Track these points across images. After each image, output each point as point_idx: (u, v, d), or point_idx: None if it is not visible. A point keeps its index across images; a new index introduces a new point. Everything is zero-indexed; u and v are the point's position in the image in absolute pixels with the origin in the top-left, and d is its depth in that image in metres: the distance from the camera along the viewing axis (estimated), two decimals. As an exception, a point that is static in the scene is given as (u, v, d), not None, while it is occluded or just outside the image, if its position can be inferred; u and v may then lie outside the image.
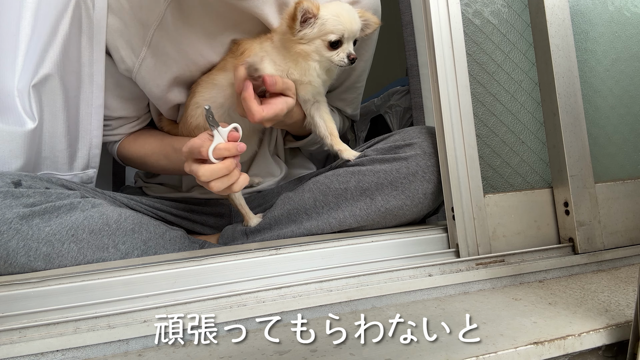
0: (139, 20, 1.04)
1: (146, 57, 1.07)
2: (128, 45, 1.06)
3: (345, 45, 0.99)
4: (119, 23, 1.04)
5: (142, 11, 1.03)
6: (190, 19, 1.05)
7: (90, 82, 1.06)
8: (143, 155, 1.20)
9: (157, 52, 1.07)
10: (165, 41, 1.06)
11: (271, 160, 1.27)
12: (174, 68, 1.09)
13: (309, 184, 1.06)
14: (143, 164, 1.24)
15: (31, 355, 0.63)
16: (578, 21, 0.97)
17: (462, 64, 0.90)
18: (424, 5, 0.90)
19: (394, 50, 2.10)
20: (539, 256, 0.88)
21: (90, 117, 1.07)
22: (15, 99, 0.97)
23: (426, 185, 0.98)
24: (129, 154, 1.22)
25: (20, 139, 0.97)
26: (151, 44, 1.06)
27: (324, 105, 1.11)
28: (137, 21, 1.04)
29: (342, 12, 0.98)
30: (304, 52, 0.99)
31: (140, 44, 1.06)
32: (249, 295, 0.75)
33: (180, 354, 0.63)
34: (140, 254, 0.94)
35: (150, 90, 1.12)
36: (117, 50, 1.07)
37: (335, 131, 1.10)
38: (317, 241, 0.87)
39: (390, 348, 0.60)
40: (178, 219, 1.20)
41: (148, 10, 1.03)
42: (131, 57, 1.08)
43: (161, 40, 1.06)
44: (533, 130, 0.96)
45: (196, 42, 1.07)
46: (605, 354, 0.64)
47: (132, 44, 1.06)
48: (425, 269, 0.83)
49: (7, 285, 0.72)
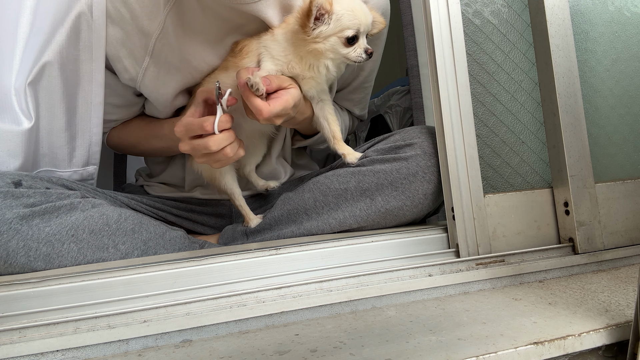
0: (140, 30, 1.03)
1: (149, 67, 1.07)
2: (131, 55, 1.06)
3: (361, 41, 0.98)
4: (120, 33, 1.04)
5: (142, 20, 1.02)
6: (191, 26, 1.04)
7: (90, 80, 1.05)
8: (135, 141, 1.21)
9: (160, 61, 1.07)
10: (167, 50, 1.06)
11: (277, 163, 1.27)
12: (177, 76, 1.09)
13: (309, 184, 1.06)
14: (134, 148, 1.24)
15: (31, 355, 0.63)
16: (578, 21, 0.97)
17: (462, 64, 0.90)
18: (424, 5, 0.90)
19: (394, 50, 2.10)
20: (539, 256, 0.88)
21: (89, 114, 1.07)
22: (12, 98, 0.97)
23: (426, 186, 0.98)
24: (120, 141, 1.23)
25: (18, 138, 0.97)
26: (153, 53, 1.06)
27: (328, 106, 1.10)
28: (139, 30, 1.04)
29: (356, 6, 0.97)
30: (318, 50, 0.97)
31: (142, 53, 1.06)
32: (249, 295, 0.75)
33: (180, 354, 0.63)
34: (140, 254, 0.94)
35: (155, 98, 1.12)
36: (119, 61, 1.06)
37: (338, 134, 1.09)
38: (317, 241, 0.87)
39: (390, 348, 0.60)
40: (178, 219, 1.20)
41: (149, 19, 1.02)
42: (134, 66, 1.07)
43: (163, 49, 1.05)
44: (533, 130, 0.96)
45: (199, 49, 1.06)
46: (605, 354, 0.64)
47: (135, 53, 1.06)
48: (425, 269, 0.83)
49: (7, 285, 0.72)
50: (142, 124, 1.20)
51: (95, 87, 1.06)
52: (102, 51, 1.05)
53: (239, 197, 1.14)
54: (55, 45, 0.99)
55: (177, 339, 0.68)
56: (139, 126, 1.20)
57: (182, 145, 0.97)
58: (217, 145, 0.93)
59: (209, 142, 0.92)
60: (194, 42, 1.05)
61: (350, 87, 1.25)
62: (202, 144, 0.93)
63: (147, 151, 1.26)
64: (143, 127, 1.20)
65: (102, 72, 1.06)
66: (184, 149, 0.97)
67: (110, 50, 1.05)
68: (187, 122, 0.95)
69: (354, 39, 0.97)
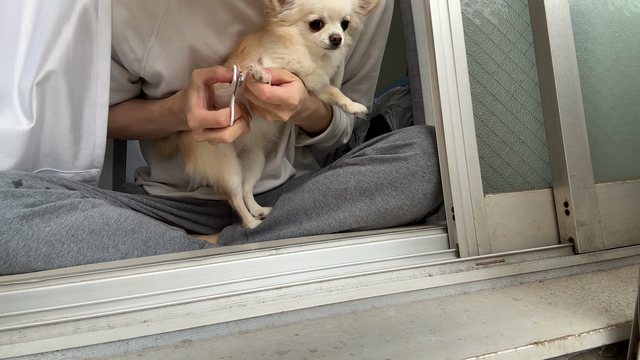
0: (146, 10, 1.04)
1: (154, 46, 1.07)
2: (137, 34, 1.06)
3: (328, 26, 0.96)
4: (126, 13, 1.04)
5: (148, 0, 1.03)
6: (197, 7, 1.04)
7: (96, 80, 1.05)
8: (123, 124, 1.19)
9: (164, 41, 1.07)
10: (171, 30, 1.06)
11: (280, 162, 1.27)
12: (179, 58, 1.09)
13: (309, 184, 1.06)
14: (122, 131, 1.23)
15: (31, 355, 0.63)
16: (578, 21, 0.97)
17: (462, 64, 0.90)
18: (424, 5, 0.90)
19: (394, 50, 2.10)
20: (539, 256, 0.88)
21: (94, 117, 1.07)
22: (13, 98, 0.97)
23: (426, 186, 0.98)
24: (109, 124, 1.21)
25: (18, 139, 0.97)
26: (159, 32, 1.06)
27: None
28: (144, 10, 1.04)
29: None
30: (288, 34, 0.97)
31: (148, 32, 1.06)
32: (249, 295, 0.75)
33: (180, 354, 0.63)
34: (140, 254, 0.94)
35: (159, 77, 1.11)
36: (126, 41, 1.06)
37: (335, 90, 1.10)
38: (317, 241, 0.87)
39: (390, 348, 0.60)
40: (178, 219, 1.20)
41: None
42: (140, 46, 1.07)
43: (167, 29, 1.06)
44: (533, 130, 0.95)
45: (203, 32, 1.07)
46: (605, 354, 0.64)
47: (141, 33, 1.06)
48: (425, 269, 0.83)
49: (7, 285, 0.72)
50: (131, 107, 1.19)
51: (100, 88, 1.06)
52: (107, 50, 1.05)
53: (240, 199, 1.14)
54: (62, 45, 0.99)
55: (177, 339, 0.68)
56: (128, 109, 1.19)
57: (197, 136, 0.98)
58: (232, 136, 0.95)
59: (224, 136, 0.95)
60: (196, 22, 1.06)
61: (358, 76, 1.26)
62: (218, 137, 0.95)
63: (136, 134, 1.25)
64: (132, 109, 1.19)
65: (107, 72, 1.06)
66: (200, 139, 0.98)
67: (116, 31, 1.05)
68: (201, 117, 0.95)
69: (318, 23, 0.96)
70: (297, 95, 0.96)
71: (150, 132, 1.21)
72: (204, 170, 1.12)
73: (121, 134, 1.25)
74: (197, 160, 1.11)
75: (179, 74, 1.11)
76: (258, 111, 0.99)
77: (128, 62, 1.10)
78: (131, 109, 1.18)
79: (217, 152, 1.10)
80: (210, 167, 1.11)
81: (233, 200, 1.14)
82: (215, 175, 1.12)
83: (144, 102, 1.19)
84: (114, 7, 1.03)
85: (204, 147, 1.10)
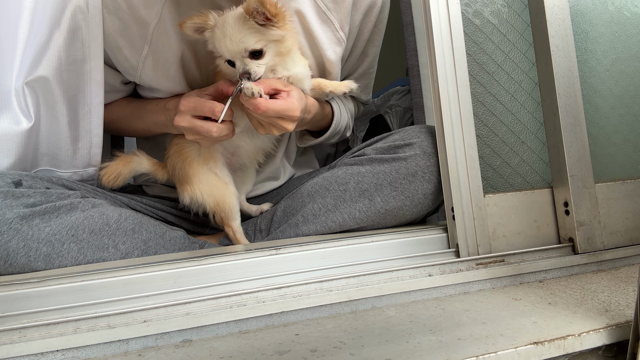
0: (138, 19, 1.04)
1: (148, 55, 1.07)
2: (130, 44, 1.06)
3: (238, 65, 0.95)
4: (118, 23, 1.03)
5: (140, 9, 1.02)
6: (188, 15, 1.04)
7: (89, 80, 1.05)
8: (115, 119, 1.18)
9: (157, 50, 1.07)
10: (164, 39, 1.06)
11: (279, 164, 1.27)
12: (173, 67, 1.09)
13: (307, 186, 1.06)
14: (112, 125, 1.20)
15: (31, 355, 0.63)
16: (578, 21, 0.97)
17: (462, 64, 0.90)
18: (424, 5, 0.90)
19: (394, 50, 2.11)
20: (539, 256, 0.88)
21: (90, 116, 1.06)
22: (12, 98, 0.97)
23: (426, 186, 0.98)
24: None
25: (17, 138, 0.97)
26: (152, 42, 1.06)
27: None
28: (136, 20, 1.04)
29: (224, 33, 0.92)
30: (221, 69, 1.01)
31: (141, 42, 1.06)
32: (249, 295, 0.75)
33: (180, 354, 0.63)
34: (140, 254, 0.94)
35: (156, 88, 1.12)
36: (119, 50, 1.06)
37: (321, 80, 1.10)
38: (317, 241, 0.87)
39: (390, 348, 0.60)
40: (178, 219, 1.20)
41: (145, 8, 1.02)
42: (134, 55, 1.07)
43: (160, 38, 1.06)
44: (533, 130, 0.96)
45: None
46: (605, 354, 0.64)
47: (134, 42, 1.06)
48: (425, 269, 0.83)
49: (7, 285, 0.72)
50: (123, 103, 1.19)
51: (95, 87, 1.05)
52: (99, 49, 1.04)
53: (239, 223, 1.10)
54: (54, 45, 0.99)
55: (177, 339, 0.68)
56: (120, 105, 1.19)
57: (181, 119, 0.98)
58: (219, 132, 0.97)
59: (212, 128, 0.97)
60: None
61: (356, 73, 1.26)
62: (205, 127, 0.97)
63: (124, 130, 1.24)
64: (125, 106, 1.18)
65: (100, 71, 1.05)
66: (182, 124, 0.98)
67: (109, 41, 1.05)
68: (198, 101, 0.97)
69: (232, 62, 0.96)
70: (297, 106, 0.96)
71: (138, 131, 1.22)
72: (201, 198, 1.08)
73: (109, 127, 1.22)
74: (194, 188, 1.07)
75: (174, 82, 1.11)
76: (264, 127, 0.99)
77: (124, 70, 1.10)
78: (123, 106, 1.18)
79: (216, 180, 1.08)
80: (208, 192, 1.08)
81: (232, 223, 1.09)
82: (214, 200, 1.08)
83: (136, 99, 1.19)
84: (106, 18, 1.02)
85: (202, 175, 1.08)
